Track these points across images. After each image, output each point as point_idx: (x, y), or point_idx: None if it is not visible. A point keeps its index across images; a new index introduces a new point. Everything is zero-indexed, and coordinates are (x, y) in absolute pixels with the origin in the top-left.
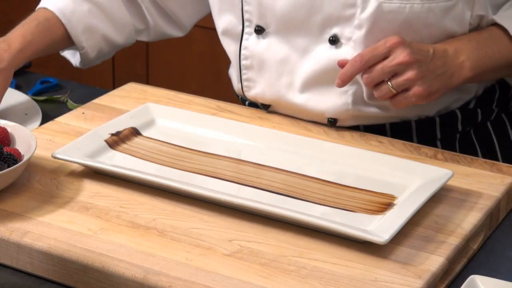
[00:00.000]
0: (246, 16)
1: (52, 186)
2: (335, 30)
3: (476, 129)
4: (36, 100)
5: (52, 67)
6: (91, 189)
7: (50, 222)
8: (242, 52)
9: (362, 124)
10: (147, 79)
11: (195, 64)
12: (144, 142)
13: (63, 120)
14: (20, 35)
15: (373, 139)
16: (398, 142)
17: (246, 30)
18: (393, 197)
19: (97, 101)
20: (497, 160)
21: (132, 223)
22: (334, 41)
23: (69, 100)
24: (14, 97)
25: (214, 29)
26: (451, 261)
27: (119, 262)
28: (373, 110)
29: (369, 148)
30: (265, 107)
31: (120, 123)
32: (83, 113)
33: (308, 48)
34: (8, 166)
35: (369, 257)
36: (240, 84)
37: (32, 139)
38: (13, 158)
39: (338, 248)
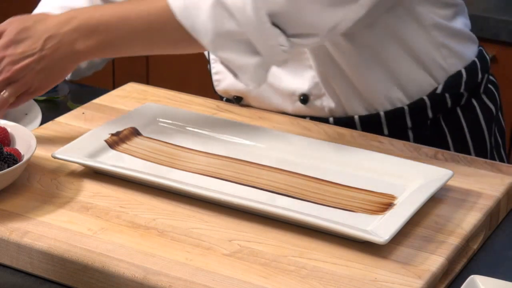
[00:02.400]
0: None
1: (52, 186)
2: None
3: (446, 116)
4: (36, 100)
5: None
6: (91, 189)
7: (50, 222)
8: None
9: (332, 116)
10: (147, 79)
11: (195, 64)
12: (144, 142)
13: (63, 120)
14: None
15: (373, 139)
16: (398, 142)
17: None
18: (393, 197)
19: (97, 101)
20: (467, 147)
21: (132, 223)
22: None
23: (69, 100)
24: None
25: None
26: (451, 261)
27: (119, 262)
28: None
29: (369, 148)
30: (238, 100)
31: (120, 123)
32: (83, 113)
33: None
34: (8, 166)
35: (369, 257)
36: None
37: (32, 139)
38: (13, 158)
39: (338, 248)
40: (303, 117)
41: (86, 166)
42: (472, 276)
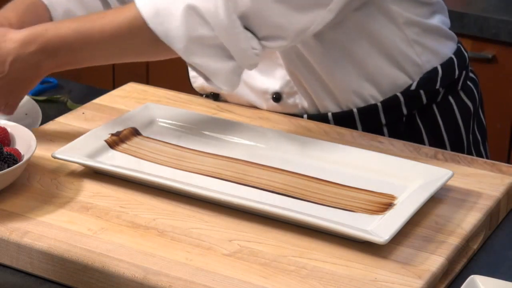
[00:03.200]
0: None
1: (52, 186)
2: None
3: (422, 112)
4: (36, 100)
5: None
6: (91, 189)
7: (50, 222)
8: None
9: (306, 113)
10: (147, 79)
11: None
12: (144, 142)
13: (63, 120)
14: (14, 16)
15: (373, 139)
16: (398, 142)
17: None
18: (393, 197)
19: (97, 101)
20: (444, 144)
21: (132, 223)
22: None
23: (69, 100)
24: None
25: None
26: (451, 261)
27: (119, 262)
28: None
29: (369, 148)
30: (215, 97)
31: (120, 123)
32: (83, 113)
33: None
34: (8, 166)
35: (369, 257)
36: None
37: (32, 139)
38: (13, 158)
39: (338, 248)
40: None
41: (86, 166)
42: (472, 276)
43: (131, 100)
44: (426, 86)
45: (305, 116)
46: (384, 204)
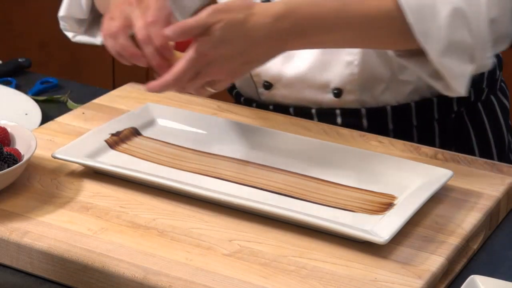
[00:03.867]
0: None
1: (52, 186)
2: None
3: (469, 110)
4: (36, 100)
5: (52, 67)
6: (91, 189)
7: (50, 222)
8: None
9: (364, 107)
10: (147, 79)
11: None
12: (144, 142)
13: (63, 120)
14: None
15: (373, 139)
16: (398, 142)
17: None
18: (393, 197)
19: (97, 101)
20: (489, 143)
21: (132, 223)
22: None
23: (69, 100)
24: (14, 97)
25: None
26: (451, 261)
27: (119, 262)
28: (379, 84)
29: (369, 148)
30: (267, 87)
31: (120, 123)
32: (83, 113)
33: None
34: (8, 166)
35: (369, 257)
36: None
37: (32, 139)
38: (13, 158)
39: (338, 248)
40: (332, 109)
41: (86, 166)
42: (472, 276)
43: (131, 100)
44: (475, 84)
45: (363, 110)
46: (384, 204)
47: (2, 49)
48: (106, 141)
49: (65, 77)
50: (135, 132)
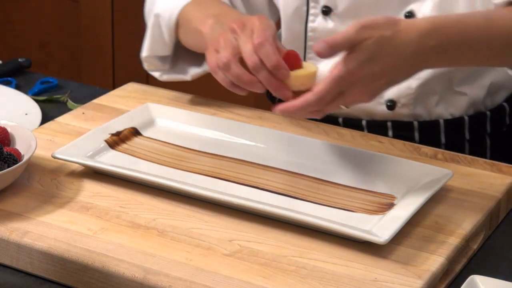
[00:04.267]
0: None
1: (52, 186)
2: (411, 7)
3: None
4: (36, 100)
5: (52, 67)
6: (91, 189)
7: (50, 222)
8: (309, 34)
9: (417, 120)
10: (147, 79)
11: None
12: (144, 142)
13: (63, 120)
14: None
15: (373, 139)
16: (398, 142)
17: (311, 11)
18: (393, 197)
19: (97, 101)
20: None
21: (132, 223)
22: (409, 17)
23: (69, 100)
24: (14, 97)
25: None
26: (451, 261)
27: (119, 262)
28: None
29: (369, 148)
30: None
31: (120, 123)
32: (83, 113)
33: None
34: (8, 166)
35: (369, 257)
36: None
37: (32, 139)
38: (13, 158)
39: (338, 248)
40: (384, 121)
41: (86, 166)
42: (472, 276)
43: (131, 100)
44: None
45: (415, 123)
46: (384, 204)
47: (2, 49)
48: (106, 141)
49: (65, 77)
50: (135, 132)
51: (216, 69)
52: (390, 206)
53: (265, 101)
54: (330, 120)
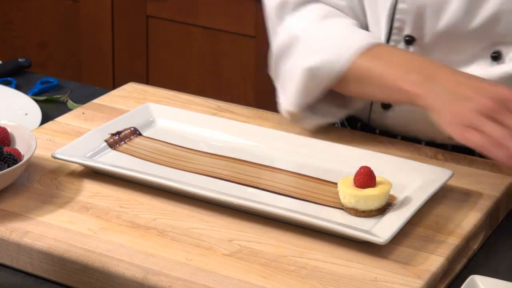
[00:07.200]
0: (396, 24)
1: (52, 186)
2: (499, 47)
3: None
4: (36, 100)
5: (52, 67)
6: (91, 189)
7: (50, 222)
8: None
9: None
10: (147, 79)
11: (195, 64)
12: (144, 142)
13: (63, 120)
14: None
15: (373, 139)
16: (398, 142)
17: (393, 37)
18: (393, 197)
19: (97, 101)
20: None
21: (132, 223)
22: (496, 57)
23: (69, 100)
24: (14, 97)
25: (214, 29)
26: (451, 261)
27: (119, 262)
28: None
29: (369, 148)
30: (386, 107)
31: (120, 123)
32: (83, 113)
33: (465, 63)
34: (8, 166)
35: (369, 257)
36: None
37: (32, 139)
38: (13, 158)
39: (338, 248)
40: (444, 145)
41: (86, 166)
42: (472, 276)
43: (131, 100)
44: None
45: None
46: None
47: (2, 49)
48: (106, 141)
49: (65, 77)
50: (135, 132)
51: (489, 146)
52: (390, 206)
53: (265, 101)
54: (389, 135)
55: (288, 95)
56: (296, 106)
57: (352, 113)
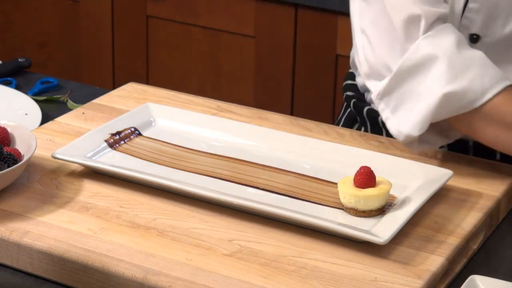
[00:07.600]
0: (464, 22)
1: (52, 186)
2: None
3: None
4: (36, 100)
5: (52, 67)
6: (91, 189)
7: (50, 222)
8: None
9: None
10: (147, 79)
11: (195, 64)
12: (144, 142)
13: (63, 120)
14: None
15: (373, 139)
16: (398, 142)
17: None
18: (393, 197)
19: (97, 101)
20: None
21: (132, 223)
22: None
23: (69, 100)
24: (14, 97)
25: (214, 29)
26: (451, 261)
27: (119, 262)
28: None
29: (369, 148)
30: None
31: (120, 123)
32: (83, 113)
33: None
34: (8, 166)
35: (369, 257)
36: None
37: (32, 139)
38: (13, 158)
39: (338, 248)
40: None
41: (86, 166)
42: (472, 276)
43: (131, 100)
44: None
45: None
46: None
47: (2, 49)
48: (106, 141)
49: (65, 77)
50: (135, 132)
51: None
52: (390, 206)
53: (265, 101)
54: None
55: (414, 117)
56: (420, 130)
57: (451, 142)
